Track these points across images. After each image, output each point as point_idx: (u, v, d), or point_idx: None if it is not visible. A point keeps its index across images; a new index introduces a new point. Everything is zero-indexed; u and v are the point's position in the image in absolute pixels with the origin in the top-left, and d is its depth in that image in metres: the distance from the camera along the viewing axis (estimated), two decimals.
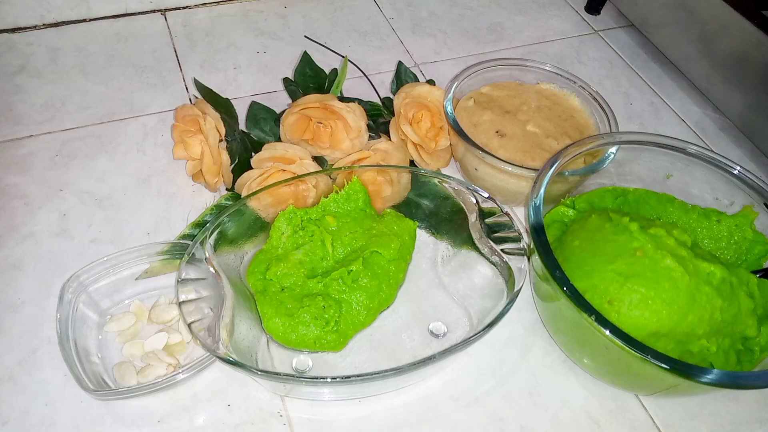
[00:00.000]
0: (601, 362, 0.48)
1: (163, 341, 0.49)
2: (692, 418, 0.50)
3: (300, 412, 0.48)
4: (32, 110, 0.66)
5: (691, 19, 0.71)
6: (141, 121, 0.67)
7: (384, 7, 0.84)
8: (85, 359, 0.47)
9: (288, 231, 0.51)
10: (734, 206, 0.55)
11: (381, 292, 0.49)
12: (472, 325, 0.50)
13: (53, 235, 0.56)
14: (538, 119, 0.62)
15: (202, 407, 0.47)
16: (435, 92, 0.61)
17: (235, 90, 0.71)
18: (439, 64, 0.77)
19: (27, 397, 0.47)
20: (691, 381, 0.41)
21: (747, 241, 0.53)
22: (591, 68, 0.80)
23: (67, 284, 0.48)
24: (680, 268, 0.44)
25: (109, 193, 0.60)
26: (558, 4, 0.89)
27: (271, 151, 0.56)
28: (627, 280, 0.45)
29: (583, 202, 0.55)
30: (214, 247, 0.47)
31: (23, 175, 0.60)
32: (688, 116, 0.75)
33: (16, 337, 0.50)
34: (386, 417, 0.48)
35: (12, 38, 0.74)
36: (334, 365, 0.49)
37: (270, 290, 0.48)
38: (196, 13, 0.80)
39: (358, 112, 0.58)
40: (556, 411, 0.49)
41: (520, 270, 0.48)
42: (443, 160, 0.62)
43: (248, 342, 0.47)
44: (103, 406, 0.47)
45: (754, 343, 0.47)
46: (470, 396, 0.50)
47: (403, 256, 0.51)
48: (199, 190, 0.61)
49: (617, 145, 0.55)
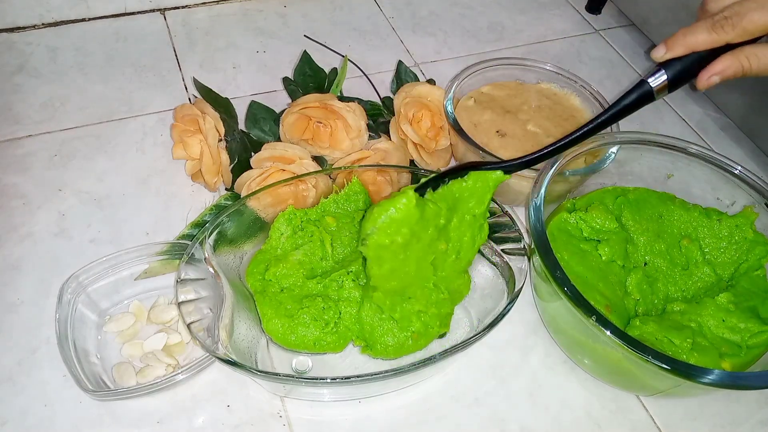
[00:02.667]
0: (602, 363, 0.48)
1: (163, 342, 0.49)
2: (693, 419, 0.50)
3: (300, 413, 0.47)
4: (31, 110, 0.66)
5: (692, 18, 0.70)
6: (140, 121, 0.66)
7: (384, 6, 0.84)
8: (84, 359, 0.46)
9: (287, 231, 0.50)
10: (735, 206, 0.55)
11: None
12: (472, 326, 0.50)
13: (52, 235, 0.56)
14: (539, 119, 0.61)
15: (201, 408, 0.47)
16: (435, 92, 0.61)
17: (234, 89, 0.70)
18: (439, 63, 0.77)
19: (26, 397, 0.47)
20: (692, 382, 0.41)
21: (747, 241, 0.53)
22: (591, 68, 0.79)
23: (66, 284, 0.48)
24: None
25: (108, 193, 0.60)
26: (558, 3, 0.89)
27: (271, 151, 0.55)
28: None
29: (583, 204, 0.55)
30: (213, 247, 0.47)
31: (22, 175, 0.60)
32: (689, 116, 0.75)
33: (15, 338, 0.49)
34: (386, 418, 0.48)
35: (11, 38, 0.74)
36: (334, 366, 0.49)
37: (269, 291, 0.48)
38: (195, 12, 0.80)
39: (358, 111, 0.58)
40: (556, 411, 0.49)
41: (521, 270, 0.48)
42: (443, 160, 0.62)
43: (248, 342, 0.46)
44: (102, 406, 0.46)
45: (741, 340, 0.47)
46: (471, 396, 0.49)
47: None
48: (198, 189, 0.60)
49: (618, 145, 0.55)
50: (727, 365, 0.46)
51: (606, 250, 0.51)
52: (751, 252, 0.53)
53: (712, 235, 0.54)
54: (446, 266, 0.47)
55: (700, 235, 0.54)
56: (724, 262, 0.53)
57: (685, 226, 0.54)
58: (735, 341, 0.48)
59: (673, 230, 0.54)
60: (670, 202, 0.55)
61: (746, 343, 0.47)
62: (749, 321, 0.48)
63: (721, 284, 0.52)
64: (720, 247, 0.54)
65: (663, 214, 0.55)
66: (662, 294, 0.52)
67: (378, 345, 0.46)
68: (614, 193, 0.56)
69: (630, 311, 0.50)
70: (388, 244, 0.43)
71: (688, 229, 0.54)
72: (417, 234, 0.44)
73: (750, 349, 0.47)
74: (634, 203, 0.55)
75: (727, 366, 0.46)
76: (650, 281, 0.52)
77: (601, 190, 0.57)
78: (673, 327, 0.47)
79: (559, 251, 0.50)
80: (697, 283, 0.53)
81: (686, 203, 0.55)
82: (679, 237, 0.54)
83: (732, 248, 0.53)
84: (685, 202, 0.55)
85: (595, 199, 0.55)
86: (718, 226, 0.54)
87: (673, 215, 0.55)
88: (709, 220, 0.54)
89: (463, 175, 0.45)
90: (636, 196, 0.56)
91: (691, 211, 0.55)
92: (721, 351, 0.47)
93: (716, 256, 0.54)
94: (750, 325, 0.48)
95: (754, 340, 0.47)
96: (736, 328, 0.48)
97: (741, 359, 0.46)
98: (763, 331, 0.47)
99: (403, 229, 0.42)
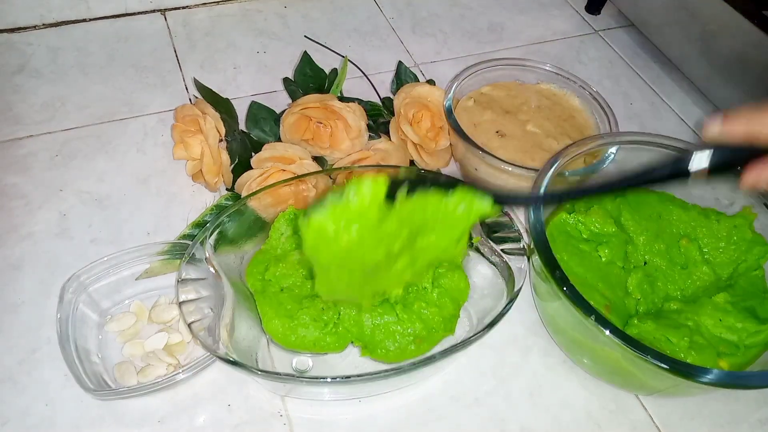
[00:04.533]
0: (601, 362, 0.48)
1: (164, 341, 0.49)
2: (692, 418, 0.50)
3: (300, 412, 0.48)
4: (32, 110, 0.66)
5: (692, 19, 0.71)
6: (141, 121, 0.67)
7: (384, 6, 0.84)
8: (86, 359, 0.47)
9: (287, 232, 0.50)
10: (734, 207, 0.55)
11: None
12: (472, 325, 0.50)
13: (53, 235, 0.56)
14: (538, 119, 0.62)
15: (202, 407, 0.47)
16: (435, 92, 0.61)
17: (234, 90, 0.71)
18: (439, 63, 0.77)
19: (27, 397, 0.47)
20: (691, 381, 0.41)
21: (746, 241, 0.53)
22: (591, 68, 0.80)
23: (67, 284, 0.48)
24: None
25: (109, 193, 0.60)
26: (558, 3, 0.89)
27: (271, 151, 0.56)
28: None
29: (582, 205, 0.55)
30: (214, 247, 0.47)
31: (23, 175, 0.60)
32: (688, 116, 0.75)
33: (16, 337, 0.50)
34: (386, 417, 0.48)
35: (12, 38, 0.74)
36: (334, 365, 0.49)
37: (269, 291, 0.48)
38: (195, 12, 0.80)
39: (358, 112, 0.58)
40: (556, 411, 0.49)
41: (520, 270, 0.48)
42: (443, 160, 0.62)
43: (248, 342, 0.47)
44: (103, 406, 0.47)
45: (738, 340, 0.48)
46: (471, 396, 0.50)
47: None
48: (199, 190, 0.61)
49: (617, 145, 0.55)
50: (725, 364, 0.46)
51: (606, 252, 0.51)
52: (749, 252, 0.53)
53: (710, 235, 0.54)
54: (389, 276, 0.42)
55: (699, 235, 0.54)
56: (723, 262, 0.53)
57: (684, 225, 0.54)
58: (732, 341, 0.48)
59: (672, 230, 0.54)
60: (669, 201, 0.55)
61: (743, 342, 0.47)
62: (746, 321, 0.48)
63: (719, 283, 0.53)
64: (719, 247, 0.54)
65: (662, 214, 0.55)
66: (662, 293, 0.52)
67: (378, 350, 0.46)
68: (613, 193, 0.56)
69: (630, 311, 0.50)
70: (331, 236, 0.37)
71: (687, 228, 0.54)
72: (364, 244, 0.37)
73: (747, 348, 0.47)
74: (634, 203, 0.55)
75: (724, 365, 0.46)
76: (651, 280, 0.52)
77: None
78: (670, 326, 0.47)
79: (559, 252, 0.50)
80: (696, 282, 0.53)
81: (685, 203, 0.55)
82: (678, 237, 0.54)
83: (731, 248, 0.53)
84: (684, 201, 0.55)
85: (594, 200, 0.56)
86: (717, 226, 0.54)
87: (672, 215, 0.55)
88: (708, 220, 0.54)
89: (447, 190, 0.38)
90: (635, 196, 0.56)
91: (690, 211, 0.55)
92: (718, 350, 0.47)
93: (715, 256, 0.54)
94: (747, 324, 0.48)
95: (752, 340, 0.47)
96: (733, 328, 0.48)
97: (738, 359, 0.47)
98: (760, 331, 0.47)
99: (354, 225, 0.37)
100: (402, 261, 0.41)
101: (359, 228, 0.37)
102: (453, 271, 0.49)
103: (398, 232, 0.38)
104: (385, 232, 0.38)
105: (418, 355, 0.46)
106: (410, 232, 0.39)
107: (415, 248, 0.41)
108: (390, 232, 0.38)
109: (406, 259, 0.41)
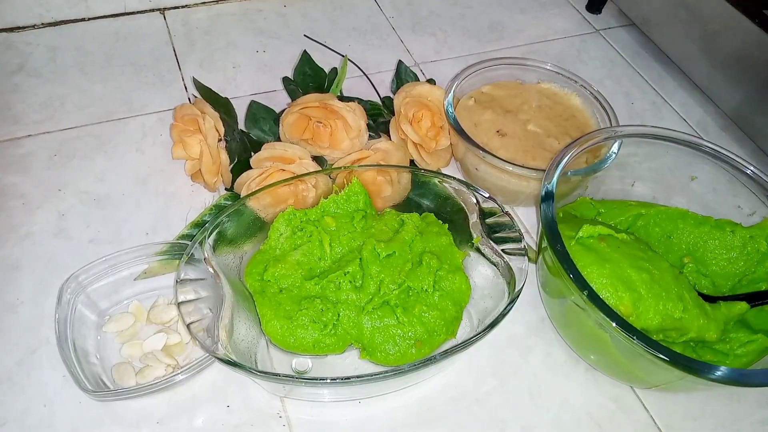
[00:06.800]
0: (611, 357, 0.48)
1: (162, 342, 0.49)
2: (693, 419, 0.50)
3: (299, 413, 0.47)
4: (31, 110, 0.66)
5: (693, 18, 0.71)
6: (140, 121, 0.66)
7: (384, 5, 0.84)
8: (84, 360, 0.46)
9: (286, 232, 0.50)
10: (754, 217, 0.54)
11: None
12: (472, 326, 0.50)
13: (51, 235, 0.56)
14: (539, 119, 0.61)
15: (201, 408, 0.47)
16: (435, 91, 0.61)
17: (234, 89, 0.70)
18: (439, 63, 0.77)
19: (26, 397, 0.47)
20: (701, 378, 0.41)
21: (759, 253, 0.52)
22: (592, 67, 0.79)
23: (65, 284, 0.48)
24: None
25: (108, 193, 0.60)
26: (559, 2, 0.89)
27: (271, 151, 0.55)
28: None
29: (563, 213, 0.55)
30: (213, 247, 0.47)
31: (21, 175, 0.60)
32: (690, 116, 0.75)
33: (15, 338, 0.49)
34: (386, 418, 0.48)
35: (10, 37, 0.74)
36: (334, 366, 0.49)
37: (268, 291, 0.48)
38: (195, 12, 0.80)
39: (358, 111, 0.58)
40: (557, 412, 0.49)
41: (521, 270, 0.47)
42: (443, 160, 0.62)
43: (247, 342, 0.46)
44: (101, 406, 0.46)
45: (729, 349, 0.48)
46: (471, 397, 0.49)
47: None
48: (198, 189, 0.60)
49: (620, 140, 0.54)
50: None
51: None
52: (761, 264, 0.52)
53: (721, 246, 0.53)
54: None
55: (708, 248, 0.53)
56: (728, 274, 0.53)
57: (694, 240, 0.54)
58: (722, 350, 0.48)
59: (681, 247, 0.54)
60: (680, 220, 0.54)
61: (734, 351, 0.48)
62: (739, 331, 0.48)
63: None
64: (729, 257, 0.53)
65: (672, 234, 0.54)
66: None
67: (378, 353, 0.46)
68: (589, 204, 0.56)
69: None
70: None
71: (697, 243, 0.53)
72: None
73: (738, 357, 0.47)
74: (642, 229, 0.55)
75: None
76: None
77: (578, 201, 0.57)
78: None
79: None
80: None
81: (698, 217, 0.54)
82: (682, 254, 0.54)
83: (742, 258, 0.52)
84: (697, 215, 0.54)
85: (615, 213, 0.55)
86: (731, 237, 0.53)
87: (683, 235, 0.54)
88: (722, 232, 0.53)
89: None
90: (645, 220, 0.55)
91: (702, 226, 0.54)
92: (705, 359, 0.47)
93: (723, 267, 0.53)
94: (739, 334, 0.48)
95: (743, 350, 0.47)
96: (725, 338, 0.48)
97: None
98: (753, 341, 0.47)
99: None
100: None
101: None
102: (454, 272, 0.49)
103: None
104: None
105: (419, 358, 0.46)
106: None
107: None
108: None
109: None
